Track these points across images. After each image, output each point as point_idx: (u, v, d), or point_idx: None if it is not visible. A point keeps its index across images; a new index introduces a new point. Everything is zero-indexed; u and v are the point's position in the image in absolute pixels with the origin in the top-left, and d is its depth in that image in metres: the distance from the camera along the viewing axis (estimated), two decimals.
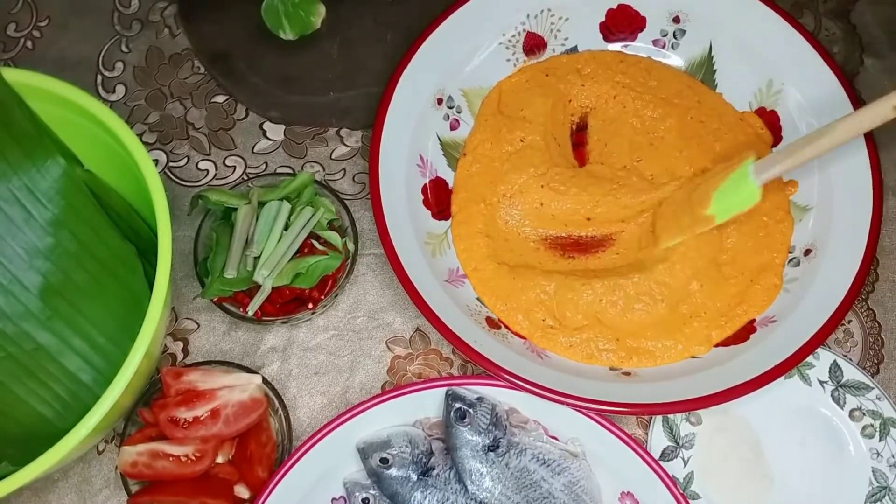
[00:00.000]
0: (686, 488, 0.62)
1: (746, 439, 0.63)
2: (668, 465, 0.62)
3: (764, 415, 0.63)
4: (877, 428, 0.62)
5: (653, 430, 0.63)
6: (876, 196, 0.63)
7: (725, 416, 0.64)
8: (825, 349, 0.64)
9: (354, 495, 0.60)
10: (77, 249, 0.63)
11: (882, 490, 0.60)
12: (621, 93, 0.72)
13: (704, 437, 0.63)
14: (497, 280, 0.66)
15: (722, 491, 0.62)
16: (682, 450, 0.62)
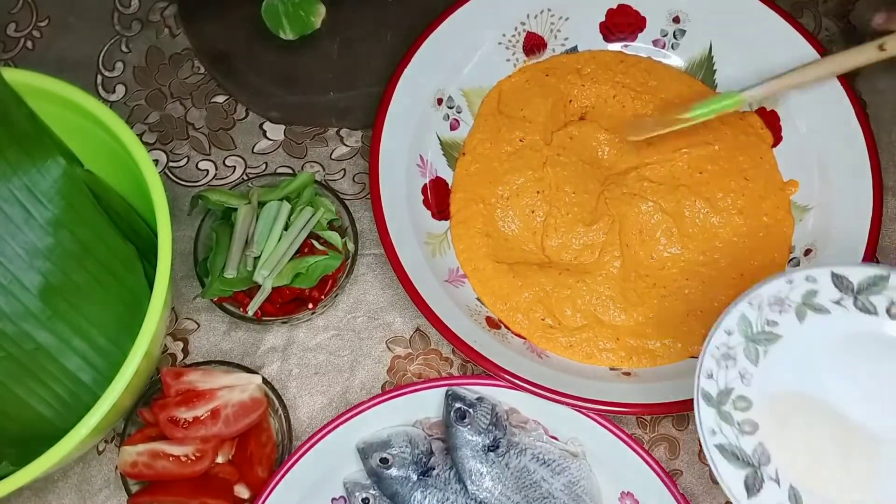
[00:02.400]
0: (799, 502, 0.50)
1: (813, 411, 0.52)
2: (756, 498, 0.51)
3: (808, 374, 0.53)
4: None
5: (718, 470, 0.51)
6: (876, 196, 0.63)
7: (774, 402, 0.53)
8: (811, 268, 0.55)
9: (354, 495, 0.61)
10: (77, 249, 0.63)
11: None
12: (621, 93, 0.72)
13: (772, 443, 0.52)
14: (497, 279, 0.66)
15: (833, 481, 0.51)
16: (762, 468, 0.51)
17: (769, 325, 0.54)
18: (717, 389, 0.52)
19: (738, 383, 0.53)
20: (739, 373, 0.53)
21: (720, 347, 0.53)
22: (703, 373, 0.52)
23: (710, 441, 0.51)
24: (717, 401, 0.52)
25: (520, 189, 0.69)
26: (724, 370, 0.53)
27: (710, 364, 0.53)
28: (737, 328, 0.53)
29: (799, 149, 0.68)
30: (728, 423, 0.52)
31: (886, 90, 0.73)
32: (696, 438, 0.64)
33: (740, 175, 0.68)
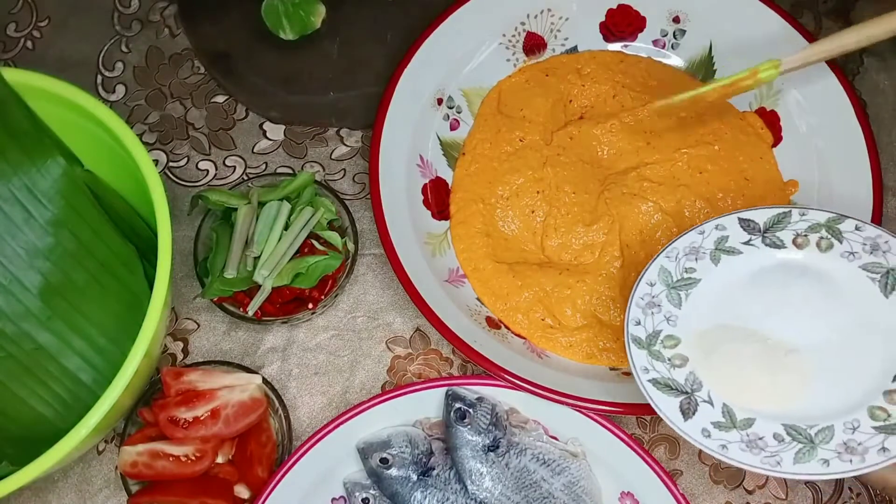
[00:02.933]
0: (732, 417, 0.53)
1: (737, 338, 0.56)
2: (692, 420, 0.52)
3: (728, 307, 0.57)
4: (825, 236, 0.57)
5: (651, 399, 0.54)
6: (876, 196, 0.63)
7: (699, 337, 0.56)
8: (719, 217, 0.58)
9: (354, 495, 0.61)
10: (77, 249, 0.63)
11: (886, 275, 0.54)
12: (621, 93, 0.72)
13: (702, 372, 0.54)
14: (497, 279, 0.66)
15: (763, 397, 0.53)
16: (694, 394, 0.53)
17: (687, 272, 0.58)
18: (645, 333, 0.56)
19: (664, 325, 0.56)
20: (665, 316, 0.56)
21: (644, 297, 0.57)
22: (631, 321, 0.56)
23: (643, 377, 0.54)
24: (646, 342, 0.55)
25: (520, 189, 0.69)
26: (650, 316, 0.56)
27: (636, 313, 0.56)
28: (658, 279, 0.57)
29: (799, 149, 0.68)
30: (659, 360, 0.55)
31: (886, 90, 0.73)
32: None
33: (740, 175, 0.68)
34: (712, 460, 0.64)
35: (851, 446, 0.50)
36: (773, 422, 0.52)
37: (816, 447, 0.50)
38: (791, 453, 0.50)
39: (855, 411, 0.51)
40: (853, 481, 0.63)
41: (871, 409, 0.51)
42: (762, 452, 0.50)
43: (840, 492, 0.63)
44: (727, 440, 0.51)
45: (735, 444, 0.51)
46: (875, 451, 0.49)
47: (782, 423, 0.51)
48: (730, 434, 0.51)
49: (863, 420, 0.51)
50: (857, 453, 0.49)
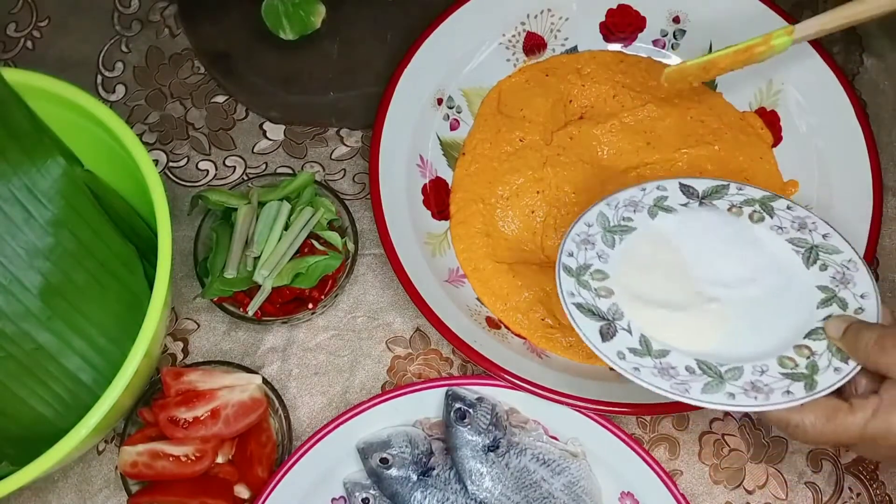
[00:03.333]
0: (648, 347, 0.55)
1: (663, 280, 0.58)
2: (610, 342, 0.54)
3: (658, 253, 0.59)
4: (758, 210, 0.60)
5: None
6: (876, 196, 0.63)
7: (628, 274, 0.58)
8: (662, 180, 0.62)
9: (354, 495, 0.61)
10: (77, 249, 0.63)
11: (810, 250, 0.57)
12: (621, 93, 0.72)
13: (625, 305, 0.57)
14: (497, 279, 0.66)
15: (679, 335, 0.56)
16: (615, 322, 0.55)
17: (624, 220, 0.60)
18: (576, 264, 0.58)
19: (595, 261, 0.59)
20: (597, 253, 0.59)
21: (580, 235, 0.60)
22: (565, 252, 0.59)
23: (569, 300, 0.56)
24: (576, 272, 0.58)
25: (520, 189, 0.69)
26: (583, 251, 0.59)
27: (570, 246, 0.59)
28: (595, 221, 0.60)
29: (799, 149, 0.68)
30: (586, 289, 0.57)
31: (886, 90, 0.73)
32: (696, 438, 0.64)
33: (740, 175, 0.68)
34: (712, 460, 0.64)
35: (758, 386, 0.51)
36: (686, 357, 0.54)
37: (725, 382, 0.52)
38: (700, 384, 0.52)
39: (765, 358, 0.53)
40: (853, 481, 0.63)
41: (780, 357, 0.53)
42: (672, 379, 0.52)
43: (840, 492, 0.63)
44: (641, 364, 0.53)
45: (647, 369, 0.53)
46: (780, 392, 0.51)
47: (695, 359, 0.54)
48: (644, 360, 0.53)
49: (771, 366, 0.53)
50: (762, 392, 0.51)
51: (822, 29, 0.61)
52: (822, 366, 0.52)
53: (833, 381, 0.50)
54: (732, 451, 0.64)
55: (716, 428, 0.65)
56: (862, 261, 0.56)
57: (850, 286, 0.55)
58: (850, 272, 0.56)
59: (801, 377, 0.51)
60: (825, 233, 0.58)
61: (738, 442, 0.64)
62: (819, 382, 0.50)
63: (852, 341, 0.50)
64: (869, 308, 0.54)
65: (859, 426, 0.47)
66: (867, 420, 0.47)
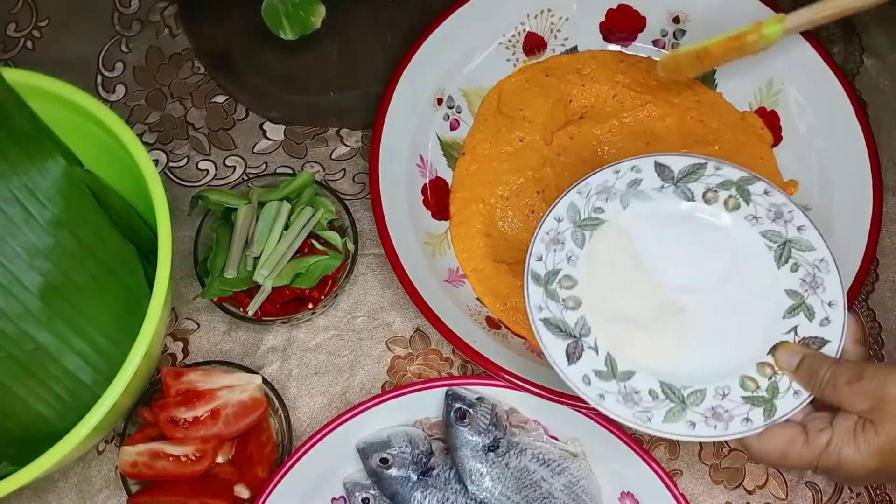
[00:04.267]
0: (614, 368, 0.54)
1: (631, 288, 0.57)
2: (576, 365, 0.54)
3: (628, 254, 0.58)
4: (734, 195, 0.58)
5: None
6: (876, 196, 0.63)
7: (596, 280, 0.57)
8: (637, 158, 0.59)
9: (354, 495, 0.61)
10: (77, 249, 0.63)
11: (783, 245, 0.57)
12: (621, 93, 0.72)
13: (593, 317, 0.56)
14: (497, 279, 0.66)
15: (644, 352, 0.55)
16: (582, 339, 0.55)
17: (595, 212, 0.59)
18: (545, 270, 0.57)
19: (564, 264, 0.57)
20: (566, 255, 0.58)
21: (549, 233, 0.58)
22: (534, 256, 0.57)
23: (537, 315, 0.55)
24: (544, 280, 0.57)
25: (520, 189, 0.69)
26: (552, 253, 0.58)
27: (539, 248, 0.58)
28: (566, 215, 0.59)
29: (799, 149, 0.68)
30: (554, 300, 0.56)
31: (886, 90, 0.73)
32: None
33: None
34: (712, 460, 0.64)
35: (718, 412, 0.52)
36: (651, 377, 0.54)
37: (687, 409, 0.52)
38: (662, 411, 0.52)
39: (728, 378, 0.53)
40: None
41: (742, 378, 0.53)
42: (636, 407, 0.52)
43: (840, 492, 0.63)
44: (606, 390, 0.53)
45: (612, 395, 0.53)
46: (739, 420, 0.51)
47: (659, 380, 0.53)
48: (609, 384, 0.53)
49: (733, 388, 0.53)
50: (722, 420, 0.52)
51: (812, 19, 0.61)
52: (783, 388, 0.52)
53: (791, 408, 0.51)
54: (732, 451, 0.64)
55: None
56: (833, 261, 0.56)
57: (819, 291, 0.55)
58: (820, 274, 0.55)
59: (760, 402, 0.52)
60: (800, 225, 0.57)
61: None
62: (778, 408, 0.51)
63: (806, 377, 0.51)
64: (835, 319, 0.54)
65: (813, 458, 0.48)
66: (820, 453, 0.48)
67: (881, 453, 0.46)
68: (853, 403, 0.48)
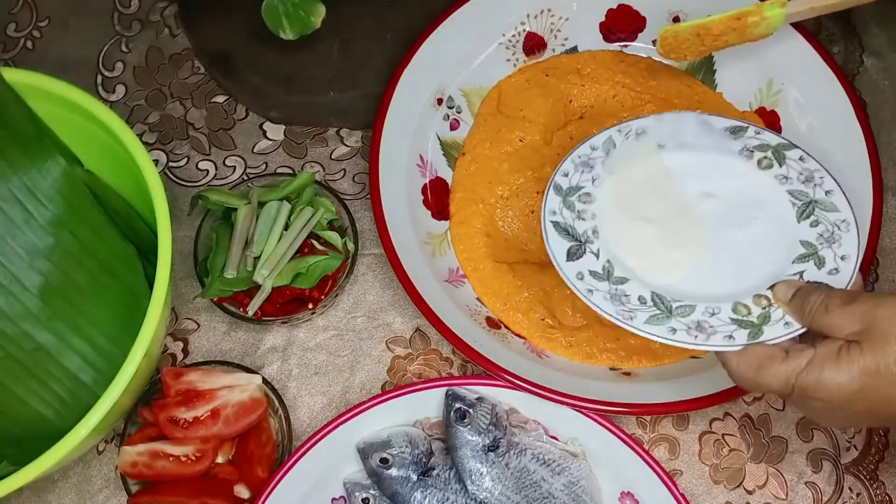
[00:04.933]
0: (609, 273, 0.56)
1: (647, 213, 0.59)
2: (573, 263, 0.57)
3: (654, 186, 0.60)
4: (769, 156, 0.60)
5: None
6: (876, 196, 0.63)
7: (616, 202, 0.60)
8: (679, 112, 0.62)
9: (354, 495, 0.61)
10: (77, 249, 0.63)
11: (808, 204, 0.57)
12: (621, 93, 0.72)
13: (604, 230, 0.58)
14: (497, 279, 0.67)
15: (646, 268, 0.57)
16: (586, 245, 0.58)
17: (631, 147, 0.61)
18: (567, 185, 0.60)
19: (588, 184, 0.60)
20: (592, 177, 0.60)
21: (581, 156, 0.61)
22: (560, 171, 0.60)
23: (548, 217, 0.58)
24: (565, 192, 0.59)
25: (520, 189, 0.69)
26: (579, 173, 0.60)
27: (568, 166, 0.60)
28: (601, 146, 0.61)
29: None
30: (569, 210, 0.59)
31: (886, 90, 0.73)
32: (696, 438, 0.64)
33: None
34: (712, 460, 0.64)
35: (703, 326, 0.53)
36: (644, 287, 0.55)
37: (672, 317, 0.53)
38: (646, 315, 0.54)
39: (721, 301, 0.54)
40: (853, 481, 0.63)
41: (735, 303, 0.54)
42: (621, 306, 0.54)
43: (840, 491, 0.63)
44: (596, 287, 0.55)
45: (601, 293, 0.55)
46: (722, 335, 0.52)
47: (652, 291, 0.55)
48: (600, 284, 0.55)
49: (724, 309, 0.54)
50: (704, 332, 0.52)
51: (813, 6, 0.61)
52: (775, 318, 0.52)
53: (778, 334, 0.51)
54: (732, 451, 0.64)
55: (716, 428, 0.65)
56: (856, 223, 0.56)
57: (835, 246, 0.55)
58: (839, 232, 0.56)
59: (748, 325, 0.52)
60: (829, 189, 0.58)
61: (738, 442, 0.64)
62: (764, 333, 0.51)
63: (799, 304, 0.51)
64: (844, 270, 0.54)
65: (790, 375, 0.48)
66: (799, 370, 0.47)
67: (864, 373, 0.45)
68: (843, 325, 0.47)
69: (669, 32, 0.66)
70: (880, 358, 0.45)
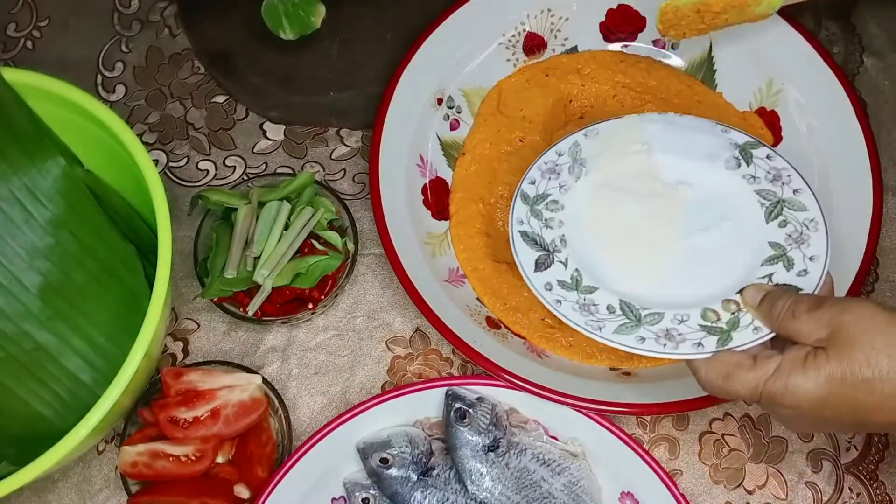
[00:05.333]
0: (578, 282, 0.57)
1: (615, 222, 0.59)
2: (542, 273, 0.57)
3: (619, 191, 0.60)
4: (737, 155, 0.60)
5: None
6: (876, 196, 0.63)
7: (582, 210, 0.60)
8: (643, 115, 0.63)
9: (354, 495, 0.61)
10: (77, 249, 0.63)
11: (776, 204, 0.57)
12: (621, 93, 0.72)
13: (572, 238, 0.59)
14: (496, 279, 0.66)
15: (614, 276, 0.57)
16: (554, 254, 0.58)
17: (598, 151, 0.61)
18: (535, 192, 0.60)
19: (556, 191, 0.60)
20: (560, 184, 0.61)
21: (548, 163, 0.61)
22: (527, 180, 0.61)
23: (516, 227, 0.59)
24: (532, 200, 0.60)
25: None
26: (546, 180, 0.61)
27: (535, 174, 0.61)
28: (567, 151, 0.62)
29: (799, 149, 0.68)
30: (536, 218, 0.59)
31: (886, 90, 0.73)
32: (696, 438, 0.64)
33: None
34: (712, 460, 0.64)
35: (672, 334, 0.53)
36: (612, 295, 0.55)
37: (640, 326, 0.54)
38: (615, 324, 0.54)
39: (689, 308, 0.54)
40: (853, 481, 0.63)
41: (704, 309, 0.54)
42: (590, 316, 0.54)
43: (840, 492, 0.63)
44: (565, 298, 0.55)
45: (570, 304, 0.55)
46: (691, 343, 0.52)
47: (620, 299, 0.55)
48: (569, 294, 0.56)
49: (693, 316, 0.53)
50: (673, 340, 0.52)
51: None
52: (744, 324, 0.52)
53: (747, 340, 0.51)
54: (732, 451, 0.64)
55: (716, 428, 0.65)
56: (824, 222, 0.56)
57: (804, 247, 0.55)
58: (808, 232, 0.56)
59: (717, 332, 0.52)
60: (797, 188, 0.58)
61: (738, 442, 0.64)
62: (733, 339, 0.51)
63: (767, 309, 0.51)
64: (813, 272, 0.54)
65: (758, 382, 0.48)
66: (767, 377, 0.47)
67: (831, 380, 0.45)
68: (810, 331, 0.47)
69: (669, 7, 0.63)
70: (846, 365, 0.45)
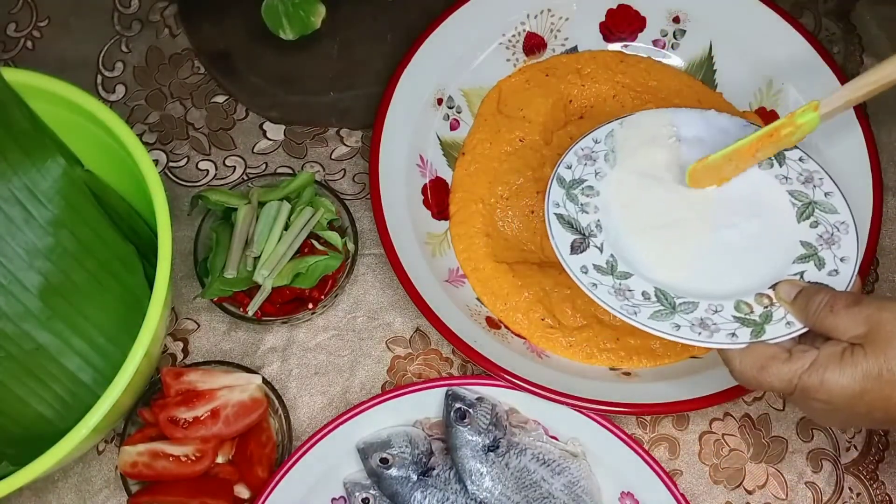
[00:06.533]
0: (613, 267, 0.56)
1: (651, 209, 0.59)
2: (578, 256, 0.57)
3: (655, 179, 0.60)
4: (771, 157, 0.59)
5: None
6: (876, 196, 0.63)
7: (618, 195, 0.60)
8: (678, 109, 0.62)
9: (354, 495, 0.61)
10: (77, 249, 0.63)
11: (807, 205, 0.57)
12: (621, 93, 0.72)
13: (607, 224, 0.58)
14: (497, 279, 0.67)
15: (650, 263, 0.57)
16: (590, 238, 0.57)
17: (633, 141, 0.61)
18: (571, 177, 0.60)
19: (591, 177, 0.60)
20: (595, 170, 0.60)
21: (584, 149, 0.61)
22: (564, 164, 0.60)
23: (552, 210, 0.59)
24: (568, 184, 0.60)
25: (520, 189, 0.69)
26: (582, 166, 0.61)
27: (571, 159, 0.61)
28: (604, 139, 0.61)
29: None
30: (572, 202, 0.59)
31: (886, 90, 0.73)
32: (696, 438, 0.64)
33: None
34: (712, 460, 0.64)
35: (706, 323, 0.53)
36: (647, 283, 0.55)
37: (675, 313, 0.53)
38: (650, 310, 0.54)
39: (722, 299, 0.54)
40: (853, 481, 0.63)
41: (738, 302, 0.54)
42: (625, 301, 0.54)
43: (840, 492, 0.63)
44: (600, 281, 0.55)
45: (605, 287, 0.55)
46: (725, 333, 0.52)
47: (655, 286, 0.55)
48: (605, 278, 0.55)
49: (727, 307, 0.54)
50: (707, 329, 0.52)
51: (850, 99, 0.56)
52: (777, 317, 0.52)
53: (780, 334, 0.51)
54: (732, 451, 0.64)
55: (716, 428, 0.65)
56: (854, 226, 0.56)
57: (834, 248, 0.55)
58: (838, 234, 0.56)
59: (751, 324, 0.52)
60: (828, 191, 0.58)
61: (738, 442, 0.64)
62: (767, 332, 0.51)
63: (803, 305, 0.51)
64: (844, 272, 0.54)
65: (793, 375, 0.48)
66: (802, 371, 0.48)
67: (867, 377, 0.46)
68: (847, 328, 0.47)
69: (698, 168, 0.59)
70: (883, 362, 0.46)
